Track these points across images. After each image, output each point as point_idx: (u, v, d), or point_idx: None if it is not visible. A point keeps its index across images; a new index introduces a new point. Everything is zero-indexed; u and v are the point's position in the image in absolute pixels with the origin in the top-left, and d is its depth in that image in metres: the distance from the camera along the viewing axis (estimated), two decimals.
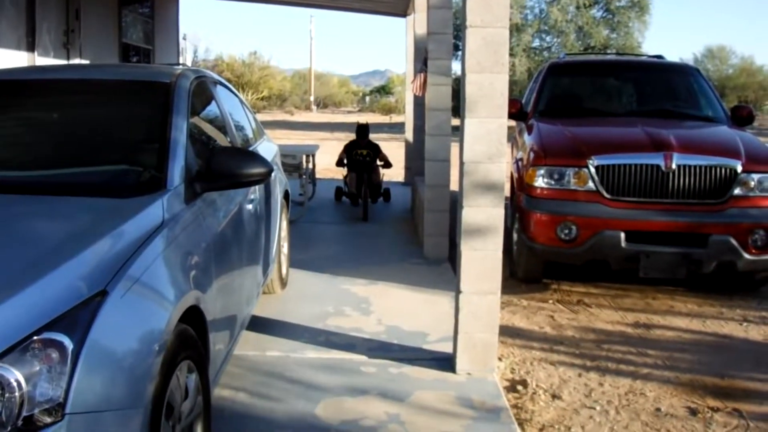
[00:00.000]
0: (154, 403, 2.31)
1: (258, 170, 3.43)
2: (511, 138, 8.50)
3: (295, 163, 9.55)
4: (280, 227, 5.69)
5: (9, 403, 1.94)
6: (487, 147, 4.19)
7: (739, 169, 6.01)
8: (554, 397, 4.41)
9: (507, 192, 8.58)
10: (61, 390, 2.00)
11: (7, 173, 3.36)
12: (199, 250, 3.11)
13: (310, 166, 10.24)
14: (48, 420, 1.97)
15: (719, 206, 5.98)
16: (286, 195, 6.17)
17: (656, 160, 5.96)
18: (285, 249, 6.07)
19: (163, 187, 3.13)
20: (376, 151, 10.39)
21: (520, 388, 4.52)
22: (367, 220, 9.24)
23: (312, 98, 60.07)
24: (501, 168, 4.24)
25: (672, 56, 8.90)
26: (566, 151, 6.29)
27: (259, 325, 5.13)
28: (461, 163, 4.27)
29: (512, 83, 32.66)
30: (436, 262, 7.14)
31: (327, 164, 14.05)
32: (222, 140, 4.43)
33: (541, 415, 4.17)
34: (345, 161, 10.41)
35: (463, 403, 4.03)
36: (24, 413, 1.95)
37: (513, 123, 7.70)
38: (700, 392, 4.51)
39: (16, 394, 1.95)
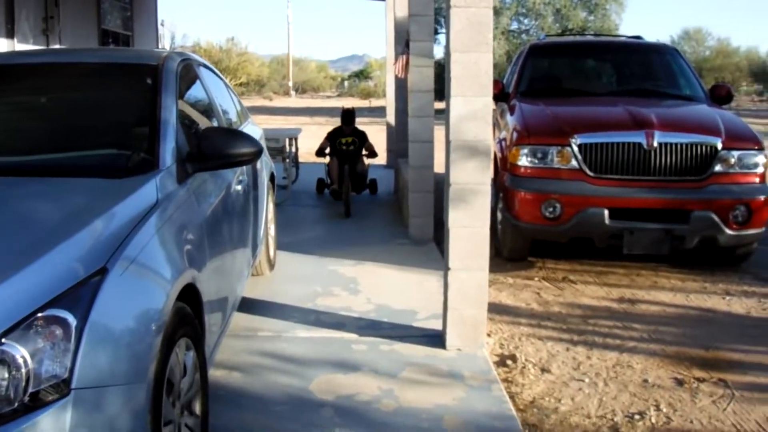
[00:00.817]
0: (155, 378, 2.35)
1: (248, 150, 3.45)
2: (494, 119, 8.56)
3: (278, 147, 9.55)
4: (267, 209, 5.72)
5: (15, 380, 1.97)
6: (473, 125, 4.24)
7: (720, 146, 6.09)
8: (543, 370, 4.48)
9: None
10: (66, 366, 2.04)
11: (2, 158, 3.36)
12: (192, 229, 3.14)
13: (293, 149, 10.24)
14: (54, 396, 2.00)
15: (700, 183, 6.06)
16: (272, 177, 6.19)
17: (638, 138, 6.03)
18: (272, 231, 6.10)
19: (156, 167, 3.15)
20: (362, 139, 9.60)
21: (509, 362, 4.59)
22: (350, 216, 8.40)
23: (290, 84, 59.92)
24: (487, 146, 4.28)
25: (649, 38, 8.92)
26: (549, 130, 6.34)
27: (249, 306, 5.16)
28: (447, 142, 4.31)
29: (494, 66, 32.75)
30: (422, 242, 7.19)
31: (309, 148, 14.07)
32: (209, 122, 4.45)
33: (531, 388, 4.24)
34: (327, 150, 9.52)
35: (455, 377, 4.09)
36: (30, 389, 1.98)
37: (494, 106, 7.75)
38: (686, 364, 4.60)
39: (22, 370, 1.98)
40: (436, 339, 4.59)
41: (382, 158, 12.70)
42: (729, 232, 6.04)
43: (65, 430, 1.98)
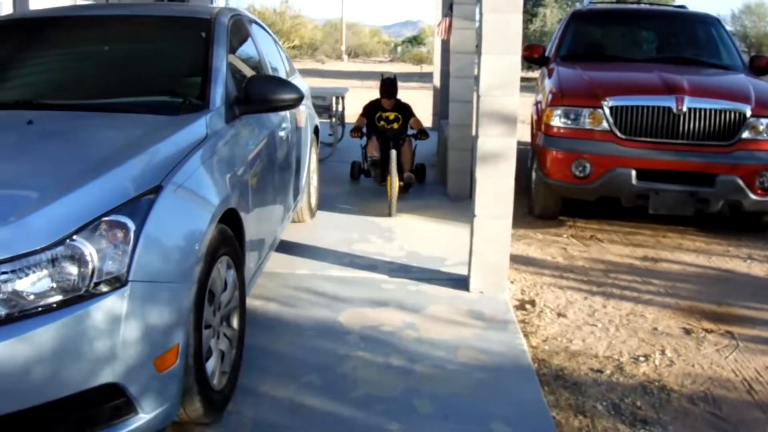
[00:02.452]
0: (199, 283, 2.72)
1: (290, 95, 3.79)
2: (536, 85, 8.82)
3: (325, 105, 9.87)
4: (310, 160, 6.06)
5: (83, 272, 2.34)
6: (502, 81, 4.52)
7: (749, 113, 6.28)
8: (559, 315, 4.79)
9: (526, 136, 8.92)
10: (125, 263, 2.41)
11: (70, 100, 3.74)
12: (237, 163, 3.50)
13: (340, 108, 10.53)
14: (114, 285, 2.37)
15: (727, 148, 6.26)
16: (315, 130, 6.53)
17: (668, 102, 6.25)
18: (314, 181, 6.45)
19: (207, 107, 3.51)
20: (406, 114, 7.77)
21: (528, 306, 4.90)
22: (393, 215, 6.68)
23: (343, 48, 60.04)
24: (514, 101, 4.56)
25: (708, 10, 9.02)
26: (582, 92, 6.59)
27: (288, 248, 5.54)
28: (477, 97, 4.60)
29: (543, 33, 32.67)
30: (459, 198, 7.47)
31: (356, 109, 14.37)
32: (256, 72, 4.79)
33: (545, 329, 4.55)
34: (364, 130, 7.78)
35: (474, 316, 4.41)
36: (95, 280, 2.35)
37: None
38: (697, 316, 4.86)
39: (89, 264, 2.35)
40: (461, 282, 4.90)
41: (427, 121, 12.96)
42: (754, 197, 6.24)
43: (122, 313, 2.36)
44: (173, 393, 2.61)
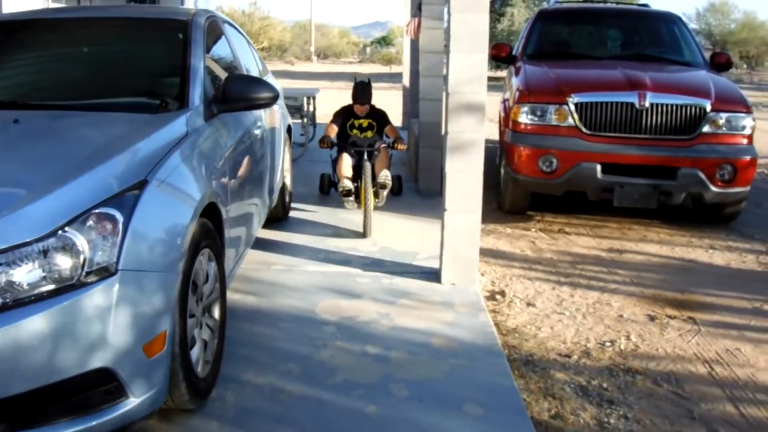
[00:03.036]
0: (184, 273, 2.85)
1: (267, 94, 3.92)
2: (504, 83, 8.99)
3: (297, 105, 9.99)
4: (284, 158, 6.18)
5: (74, 262, 2.46)
6: (470, 78, 4.68)
7: (708, 108, 6.49)
8: (529, 304, 4.95)
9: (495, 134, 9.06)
10: (114, 253, 2.53)
11: (54, 101, 3.83)
12: (216, 159, 3.62)
13: (311, 108, 10.65)
14: (105, 274, 2.49)
15: (689, 142, 6.47)
16: (288, 129, 6.65)
17: (631, 98, 6.45)
18: (288, 180, 6.56)
19: (186, 106, 3.64)
20: (381, 122, 6.94)
21: (498, 297, 5.06)
22: (368, 236, 6.03)
23: (312, 49, 60.08)
24: (482, 98, 4.72)
25: (673, 10, 9.22)
26: (548, 89, 6.77)
27: (265, 245, 5.66)
28: (446, 94, 4.75)
29: (510, 32, 32.94)
30: (430, 195, 7.61)
31: (327, 110, 14.48)
32: (232, 72, 4.90)
33: (515, 318, 4.72)
34: (334, 139, 6.76)
35: (446, 306, 4.56)
36: (86, 269, 2.47)
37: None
38: (661, 304, 5.05)
39: (81, 254, 2.47)
40: (432, 275, 5.05)
41: (397, 120, 13.08)
42: (714, 189, 6.46)
43: (113, 300, 2.48)
44: (161, 378, 2.73)
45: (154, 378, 2.68)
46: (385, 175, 6.35)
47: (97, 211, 2.55)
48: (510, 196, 7.16)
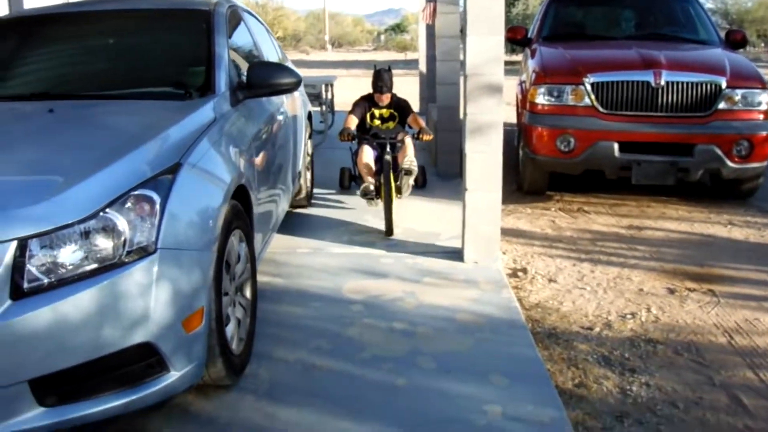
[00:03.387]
0: (218, 251, 2.97)
1: (290, 79, 4.03)
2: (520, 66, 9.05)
3: (315, 93, 10.08)
4: (306, 144, 6.29)
5: (116, 241, 2.58)
6: (487, 60, 4.76)
7: (724, 85, 6.55)
8: (550, 280, 5.05)
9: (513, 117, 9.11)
10: (153, 232, 2.64)
11: (83, 92, 3.96)
12: (243, 143, 3.73)
13: (329, 96, 10.75)
14: (145, 253, 2.61)
15: (705, 119, 6.53)
16: (309, 116, 6.76)
17: (646, 76, 6.51)
18: (309, 165, 6.68)
19: (213, 92, 3.75)
20: (404, 112, 6.42)
21: (520, 274, 5.16)
22: (392, 234, 5.70)
23: (327, 38, 60.15)
24: (499, 79, 4.81)
25: None
26: (565, 70, 6.84)
27: (289, 229, 5.77)
28: (465, 76, 4.84)
29: (525, 17, 32.96)
30: (449, 177, 7.71)
31: (344, 98, 14.58)
32: (253, 59, 5.01)
33: (538, 293, 4.81)
34: (353, 133, 6.13)
35: (470, 283, 4.66)
36: (127, 249, 2.59)
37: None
38: (680, 277, 5.13)
39: (122, 234, 2.59)
40: (455, 254, 5.15)
41: (415, 106, 13.14)
42: (731, 165, 6.52)
43: (153, 278, 2.60)
44: (200, 353, 2.85)
45: (193, 352, 2.80)
46: (411, 161, 5.97)
47: (135, 193, 2.66)
48: (529, 177, 7.24)
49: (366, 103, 6.43)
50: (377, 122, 6.47)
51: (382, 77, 6.27)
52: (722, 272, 5.24)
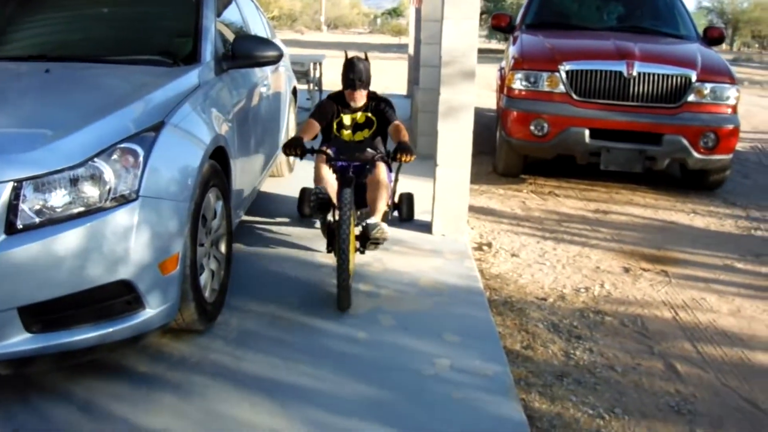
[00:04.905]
0: (195, 203, 3.24)
1: (272, 53, 4.29)
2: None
3: (303, 71, 10.33)
4: (289, 117, 6.54)
5: (102, 187, 2.84)
6: (461, 43, 5.03)
7: (694, 78, 6.84)
8: (513, 255, 5.33)
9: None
10: (135, 182, 2.91)
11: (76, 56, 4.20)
12: (225, 109, 3.99)
13: (317, 74, 10.99)
14: (127, 199, 2.88)
15: (674, 110, 6.82)
16: (294, 91, 7.01)
17: (619, 67, 6.79)
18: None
19: (198, 61, 4.00)
20: (383, 117, 4.80)
21: (485, 248, 5.44)
22: (348, 308, 4.00)
23: (322, 19, 60.20)
24: (472, 61, 5.07)
25: None
26: (542, 57, 7.11)
27: (268, 199, 6.04)
28: (440, 57, 5.10)
29: (519, 6, 33.16)
30: (429, 157, 7.93)
31: (335, 77, 14.80)
32: (241, 32, 5.26)
33: (499, 266, 5.10)
34: (300, 148, 4.28)
35: (435, 253, 4.94)
36: (112, 195, 2.85)
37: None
38: (637, 258, 5.42)
39: (107, 181, 2.85)
40: (424, 227, 5.42)
41: (402, 88, 13.38)
42: (697, 155, 6.81)
43: (134, 222, 2.87)
44: (174, 295, 3.12)
45: (168, 294, 3.07)
46: (380, 230, 4.26)
47: (121, 146, 2.93)
48: (503, 159, 7.52)
49: (334, 105, 4.84)
50: (345, 132, 4.86)
51: (355, 68, 4.66)
52: (678, 256, 5.53)
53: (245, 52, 4.25)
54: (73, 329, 2.84)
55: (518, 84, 7.03)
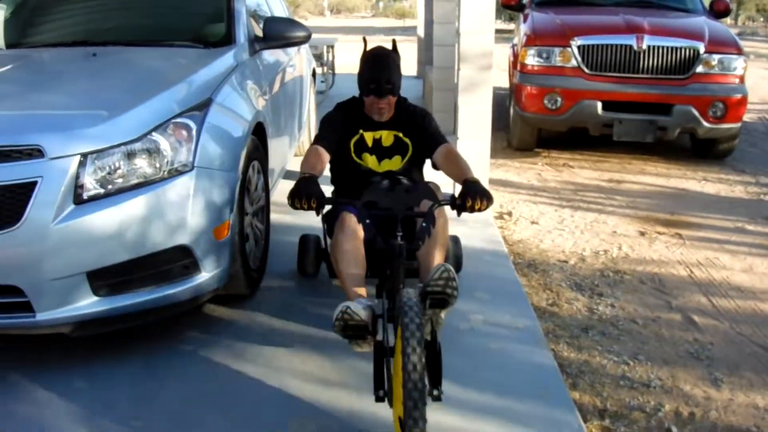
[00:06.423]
0: (242, 173, 3.48)
1: (301, 33, 4.50)
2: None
3: (317, 54, 10.52)
4: (310, 98, 6.76)
5: (160, 160, 3.07)
6: (479, 21, 5.24)
7: (702, 50, 7.03)
8: (533, 223, 5.56)
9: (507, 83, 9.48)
10: (190, 154, 3.14)
11: (116, 39, 4.42)
12: (260, 87, 4.22)
13: (330, 57, 11.19)
14: (184, 170, 3.11)
15: (683, 81, 7.02)
16: (313, 73, 7.23)
17: (629, 40, 6.99)
18: (313, 118, 7.15)
19: (233, 42, 4.22)
20: (421, 138, 3.64)
21: (506, 216, 5.67)
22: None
23: (325, 3, 60.24)
24: (490, 38, 5.28)
25: None
26: (554, 33, 7.32)
27: (294, 176, 6.24)
28: (458, 34, 5.32)
29: None
30: (445, 134, 8.16)
31: (343, 60, 15.00)
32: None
33: (520, 232, 5.32)
34: (318, 198, 2.85)
35: (459, 222, 5.14)
36: (168, 167, 3.08)
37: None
38: (652, 222, 5.64)
39: (165, 155, 3.08)
40: (446, 198, 5.62)
41: (412, 69, 13.56)
42: (706, 125, 7.02)
43: (190, 191, 3.10)
44: (226, 259, 3.35)
45: (221, 258, 3.31)
46: (448, 278, 2.76)
47: (175, 120, 3.16)
48: (518, 134, 7.73)
49: (347, 119, 3.58)
50: (371, 159, 3.60)
51: (380, 64, 3.39)
52: (691, 220, 5.74)
53: (277, 33, 4.46)
54: (137, 292, 3.07)
55: (531, 60, 7.23)
